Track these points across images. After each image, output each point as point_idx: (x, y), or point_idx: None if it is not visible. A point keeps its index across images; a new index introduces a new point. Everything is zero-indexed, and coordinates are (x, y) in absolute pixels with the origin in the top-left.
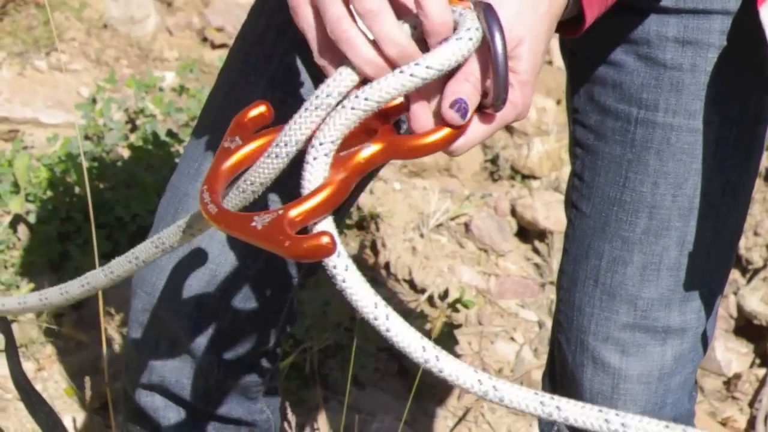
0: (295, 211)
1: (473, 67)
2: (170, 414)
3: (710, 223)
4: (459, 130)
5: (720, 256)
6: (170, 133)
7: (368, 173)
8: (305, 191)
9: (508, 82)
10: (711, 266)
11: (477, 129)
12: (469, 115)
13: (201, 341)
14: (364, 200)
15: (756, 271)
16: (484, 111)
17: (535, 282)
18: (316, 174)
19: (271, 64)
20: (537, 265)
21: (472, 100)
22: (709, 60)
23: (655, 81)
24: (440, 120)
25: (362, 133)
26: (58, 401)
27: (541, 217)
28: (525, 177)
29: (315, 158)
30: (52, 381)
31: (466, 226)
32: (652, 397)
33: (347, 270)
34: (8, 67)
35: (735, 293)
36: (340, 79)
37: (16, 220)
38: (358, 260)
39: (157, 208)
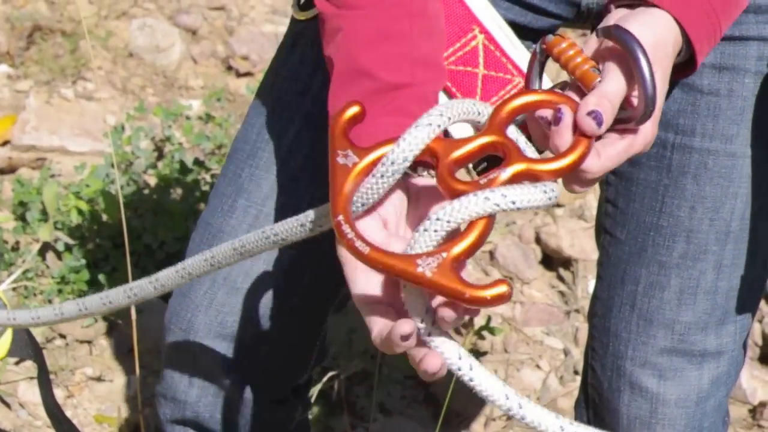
0: (458, 249)
1: (612, 88)
2: None
3: (746, 247)
4: (589, 148)
5: (754, 279)
6: (197, 162)
7: None
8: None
9: (656, 94)
10: (746, 289)
11: (612, 152)
12: (604, 126)
13: (234, 377)
14: None
15: None
16: (626, 128)
17: (560, 309)
18: (429, 242)
19: (306, 100)
20: (562, 293)
21: (608, 115)
22: (746, 85)
23: (691, 107)
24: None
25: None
26: (88, 428)
27: (565, 245)
28: None
29: (436, 231)
30: (82, 408)
31: (491, 254)
32: (690, 421)
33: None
34: (35, 96)
35: (760, 321)
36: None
37: (45, 248)
38: None
39: (189, 244)
